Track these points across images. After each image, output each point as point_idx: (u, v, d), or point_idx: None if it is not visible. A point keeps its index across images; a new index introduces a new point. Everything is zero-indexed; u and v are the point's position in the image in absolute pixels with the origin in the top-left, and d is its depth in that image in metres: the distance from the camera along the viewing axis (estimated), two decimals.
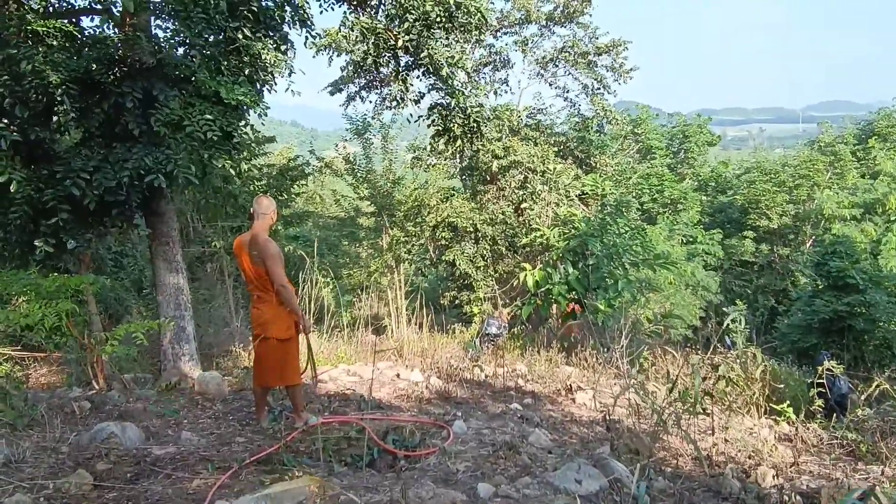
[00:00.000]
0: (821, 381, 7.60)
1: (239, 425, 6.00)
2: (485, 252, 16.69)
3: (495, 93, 20.31)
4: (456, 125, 10.34)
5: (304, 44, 9.65)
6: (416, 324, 11.89)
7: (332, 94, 17.59)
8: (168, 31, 8.25)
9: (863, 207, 27.01)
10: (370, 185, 18.48)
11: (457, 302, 17.26)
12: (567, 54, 19.07)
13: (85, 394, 6.93)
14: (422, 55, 9.41)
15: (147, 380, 8.23)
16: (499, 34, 20.16)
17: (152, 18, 8.39)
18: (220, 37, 8.00)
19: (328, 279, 13.67)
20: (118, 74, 7.80)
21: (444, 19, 9.27)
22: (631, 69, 18.94)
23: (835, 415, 7.65)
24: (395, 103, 11.38)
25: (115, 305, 13.39)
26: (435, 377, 8.73)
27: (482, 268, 16.62)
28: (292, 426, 5.79)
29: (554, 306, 12.15)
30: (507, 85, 20.24)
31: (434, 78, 10.27)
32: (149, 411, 6.27)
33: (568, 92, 19.85)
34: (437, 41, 9.37)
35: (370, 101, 15.93)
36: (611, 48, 18.76)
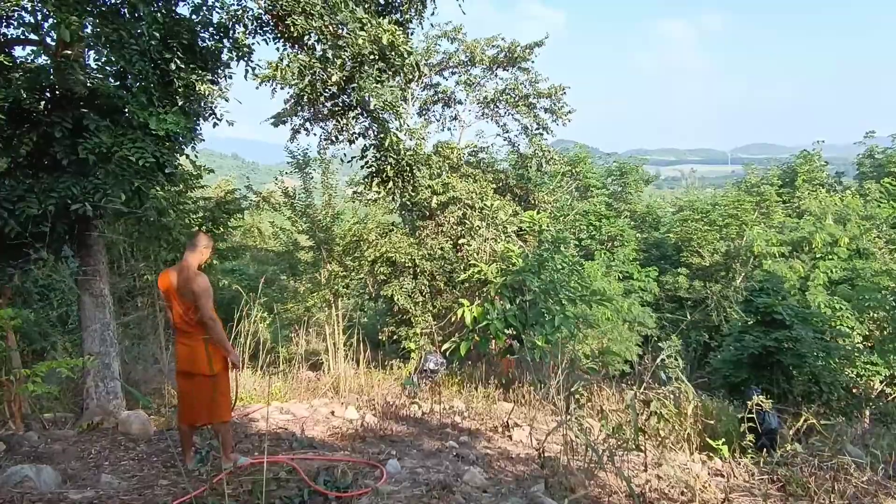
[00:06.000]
0: (751, 415, 7.74)
1: (163, 467, 5.76)
2: (423, 287, 16.64)
3: (448, 130, 20.68)
4: (389, 167, 10.36)
5: (245, 76, 9.58)
6: (353, 360, 11.73)
7: (274, 125, 17.42)
8: (101, 61, 8.09)
9: (790, 245, 27.96)
10: (309, 220, 18.31)
11: (395, 337, 17.11)
12: (508, 96, 19.46)
13: (0, 434, 6.57)
14: (355, 93, 9.44)
15: (68, 419, 7.87)
16: (444, 73, 20.54)
17: (86, 49, 8.22)
18: (153, 68, 7.87)
19: (265, 314, 13.39)
20: (49, 104, 7.60)
21: (377, 58, 9.33)
22: (569, 112, 19.38)
23: (765, 450, 7.79)
24: (331, 141, 11.37)
25: (39, 341, 12.82)
26: (371, 414, 8.60)
27: (420, 303, 16.55)
28: (219, 467, 5.58)
29: (493, 342, 12.16)
30: (458, 120, 20.60)
31: (368, 118, 10.30)
32: (67, 453, 5.97)
33: (508, 132, 20.24)
34: (369, 79, 9.39)
35: (314, 135, 15.85)
36: (550, 93, 19.21)
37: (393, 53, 9.42)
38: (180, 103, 8.11)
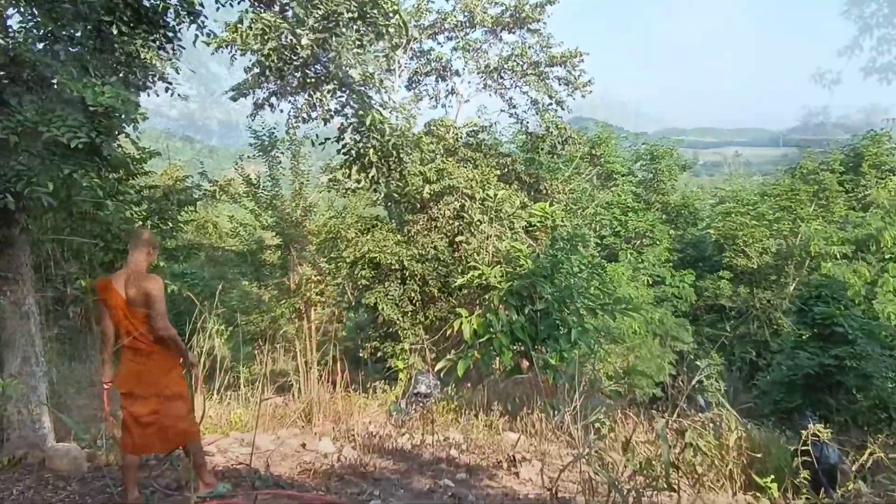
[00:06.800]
0: (805, 448, 7.75)
1: None
2: (413, 294, 16.63)
3: (443, 106, 20.70)
4: (371, 150, 10.32)
5: (193, 42, 9.54)
6: (328, 381, 11.74)
7: (233, 99, 17.37)
8: (28, 23, 8.06)
9: (854, 244, 27.91)
10: (276, 213, 18.30)
11: (380, 354, 17.12)
12: (515, 63, 19.45)
13: None
14: (330, 58, 9.39)
15: None
16: (438, 38, 20.51)
17: (8, 9, 8.19)
18: (90, 31, 7.86)
19: (223, 326, 13.38)
20: None
21: (354, 17, 9.29)
22: (588, 82, 19.40)
23: (822, 489, 7.81)
24: (302, 119, 11.33)
25: None
26: (349, 447, 8.62)
27: (410, 314, 16.55)
28: None
29: (497, 360, 12.18)
30: (455, 94, 20.63)
31: (346, 92, 10.26)
32: None
33: (515, 107, 20.23)
34: (346, 43, 9.35)
35: (281, 111, 15.84)
36: (565, 59, 19.19)
37: (375, 11, 9.39)
38: (121, 73, 8.10)
